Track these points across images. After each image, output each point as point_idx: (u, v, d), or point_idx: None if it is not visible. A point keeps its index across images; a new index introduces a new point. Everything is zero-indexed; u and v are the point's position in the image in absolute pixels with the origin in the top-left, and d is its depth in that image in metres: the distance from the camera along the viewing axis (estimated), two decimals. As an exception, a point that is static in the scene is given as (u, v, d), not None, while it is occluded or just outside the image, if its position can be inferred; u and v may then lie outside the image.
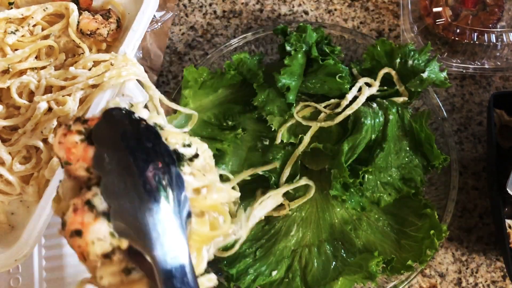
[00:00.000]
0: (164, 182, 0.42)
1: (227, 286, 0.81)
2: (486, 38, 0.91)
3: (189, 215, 0.44)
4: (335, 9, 1.04)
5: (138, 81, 0.76)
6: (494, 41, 0.91)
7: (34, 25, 0.79)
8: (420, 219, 0.82)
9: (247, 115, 0.88)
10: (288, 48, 0.83)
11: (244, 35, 0.92)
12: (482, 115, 0.97)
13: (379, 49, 0.86)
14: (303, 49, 0.84)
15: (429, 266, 0.92)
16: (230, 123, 0.88)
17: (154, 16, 0.98)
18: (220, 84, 0.86)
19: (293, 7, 1.03)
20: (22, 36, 0.77)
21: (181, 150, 0.46)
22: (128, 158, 0.42)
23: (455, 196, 0.84)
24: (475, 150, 0.96)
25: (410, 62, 0.84)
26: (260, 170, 0.84)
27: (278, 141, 0.85)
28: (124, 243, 0.42)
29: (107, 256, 0.42)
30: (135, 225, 0.41)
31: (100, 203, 0.41)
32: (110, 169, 0.42)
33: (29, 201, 0.75)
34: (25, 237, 0.68)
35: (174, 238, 0.41)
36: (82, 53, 0.78)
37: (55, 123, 0.72)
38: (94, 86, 0.74)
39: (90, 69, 0.75)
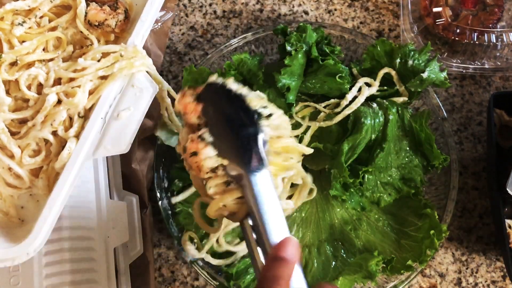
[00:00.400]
0: (248, 122, 0.61)
1: (227, 285, 0.81)
2: (486, 38, 0.91)
3: (264, 143, 0.62)
4: (335, 9, 1.04)
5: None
6: (494, 41, 0.91)
7: (41, 17, 0.78)
8: (420, 219, 0.82)
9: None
10: (288, 48, 0.83)
11: (244, 35, 0.92)
12: (482, 115, 0.97)
13: (379, 49, 0.86)
14: (303, 49, 0.84)
15: (429, 266, 0.92)
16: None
17: (154, 16, 0.98)
18: (220, 84, 0.86)
19: (293, 7, 1.03)
20: (30, 27, 0.77)
21: (260, 110, 0.63)
22: (225, 108, 0.62)
23: (455, 196, 0.84)
24: (475, 150, 0.96)
25: (410, 62, 0.84)
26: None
27: None
28: (225, 161, 0.60)
29: (213, 171, 0.61)
30: (233, 149, 0.60)
31: (208, 137, 0.60)
32: (214, 116, 0.61)
33: (38, 194, 0.75)
34: (36, 231, 0.68)
35: (258, 156, 0.60)
36: (90, 45, 0.78)
37: (64, 115, 0.72)
38: (103, 77, 0.74)
39: (99, 60, 0.75)
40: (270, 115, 0.64)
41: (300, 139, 0.86)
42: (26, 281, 0.75)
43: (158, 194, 0.86)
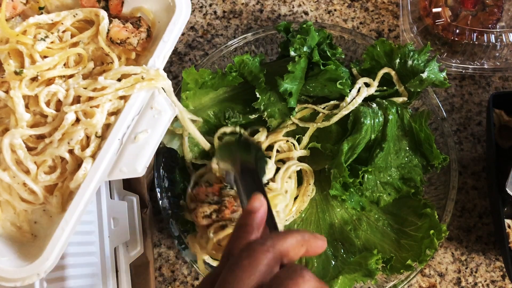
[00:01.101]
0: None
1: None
2: (485, 39, 0.91)
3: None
4: (335, 10, 1.04)
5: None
6: (494, 41, 0.91)
7: (63, 31, 0.77)
8: (420, 219, 0.82)
9: (247, 116, 0.88)
10: (292, 53, 0.82)
11: (244, 36, 0.92)
12: (481, 115, 0.98)
13: (378, 49, 0.86)
14: (306, 52, 0.84)
15: (429, 266, 0.92)
16: (229, 122, 0.88)
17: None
18: (221, 84, 0.86)
19: (293, 7, 1.04)
20: (52, 42, 0.76)
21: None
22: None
23: (455, 196, 0.85)
24: (474, 150, 0.96)
25: (409, 62, 0.84)
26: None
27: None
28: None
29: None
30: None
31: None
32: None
33: (52, 210, 0.74)
34: (48, 251, 0.68)
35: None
36: (111, 63, 0.77)
37: (82, 134, 0.72)
38: (122, 97, 0.74)
39: (119, 79, 0.74)
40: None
41: (298, 140, 0.86)
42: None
43: (159, 194, 0.86)
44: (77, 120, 0.73)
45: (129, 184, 0.89)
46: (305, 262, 0.84)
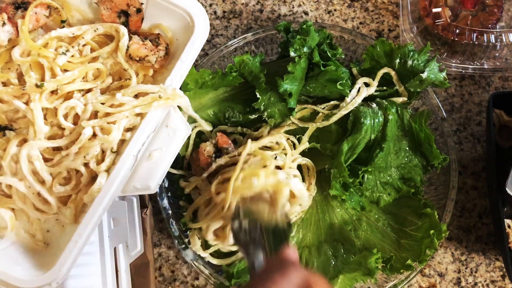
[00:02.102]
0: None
1: (227, 284, 0.82)
2: (485, 39, 0.91)
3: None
4: (335, 10, 1.04)
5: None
6: (494, 41, 0.91)
7: (83, 45, 0.78)
8: (420, 219, 0.82)
9: (247, 116, 0.88)
10: (292, 53, 0.82)
11: (244, 36, 0.92)
12: (481, 115, 0.98)
13: (378, 49, 0.86)
14: (306, 54, 0.84)
15: (429, 266, 0.92)
16: (229, 122, 0.88)
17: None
18: (221, 84, 0.86)
19: (293, 7, 1.04)
20: (72, 56, 0.77)
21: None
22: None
23: (455, 196, 0.85)
24: (474, 150, 0.96)
25: (409, 62, 0.84)
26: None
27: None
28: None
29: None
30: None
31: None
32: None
33: (65, 221, 0.76)
34: (61, 262, 0.70)
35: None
36: (129, 79, 0.78)
37: (98, 149, 0.73)
38: (139, 114, 0.75)
39: (136, 96, 0.75)
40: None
41: (298, 140, 0.86)
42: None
43: (159, 194, 0.86)
44: (94, 135, 0.74)
45: (129, 184, 0.89)
46: (305, 262, 0.84)
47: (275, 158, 0.83)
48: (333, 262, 0.84)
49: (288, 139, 0.86)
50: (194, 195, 0.86)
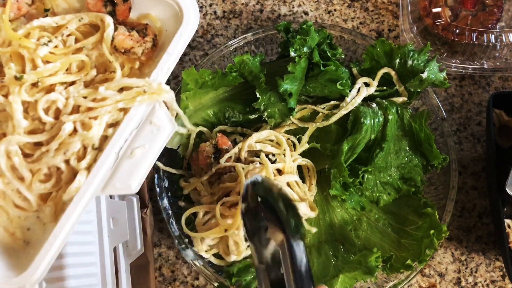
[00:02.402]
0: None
1: (227, 284, 0.82)
2: (485, 39, 0.91)
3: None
4: (335, 10, 1.04)
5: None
6: (493, 41, 0.91)
7: (67, 35, 0.75)
8: (420, 218, 0.82)
9: (247, 115, 0.88)
10: (292, 53, 0.82)
11: (244, 36, 0.92)
12: (481, 115, 0.98)
13: (378, 49, 0.86)
14: (306, 54, 0.84)
15: (429, 266, 0.92)
16: (229, 122, 0.88)
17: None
18: (221, 84, 0.86)
19: (293, 7, 1.04)
20: (55, 47, 0.73)
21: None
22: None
23: (455, 196, 0.85)
24: (474, 150, 0.96)
25: (409, 62, 0.84)
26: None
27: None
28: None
29: None
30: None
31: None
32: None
33: (45, 219, 0.73)
34: (35, 265, 0.66)
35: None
36: (114, 72, 0.75)
37: (78, 146, 0.70)
38: (122, 109, 0.72)
39: (120, 89, 0.72)
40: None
41: (298, 140, 0.86)
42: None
43: (159, 194, 0.86)
44: (75, 130, 0.71)
45: (129, 184, 0.89)
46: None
47: (275, 161, 0.83)
48: (333, 262, 0.84)
49: (288, 139, 0.86)
50: (193, 196, 0.86)
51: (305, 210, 0.82)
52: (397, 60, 0.85)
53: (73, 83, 0.74)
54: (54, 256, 0.68)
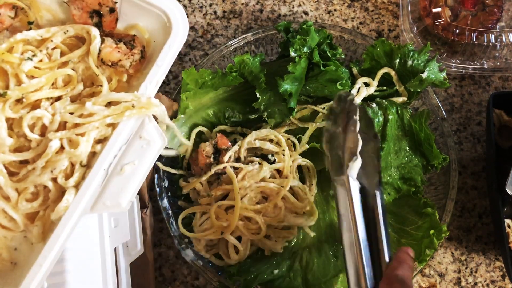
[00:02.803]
0: None
1: (227, 283, 0.82)
2: (485, 39, 0.91)
3: None
4: (335, 10, 1.04)
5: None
6: (493, 41, 0.91)
7: (53, 48, 0.72)
8: (420, 218, 0.82)
9: (247, 115, 0.88)
10: (292, 54, 0.82)
11: (244, 36, 0.92)
12: (481, 115, 0.98)
13: (378, 49, 0.86)
14: (306, 53, 0.84)
15: (429, 266, 0.92)
16: (229, 122, 0.88)
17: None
18: (221, 84, 0.86)
19: (293, 7, 1.04)
20: (40, 61, 0.71)
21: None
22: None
23: (455, 195, 0.85)
24: (474, 150, 0.96)
25: (409, 62, 0.84)
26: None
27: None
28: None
29: None
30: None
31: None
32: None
33: (33, 239, 0.70)
34: (24, 287, 0.64)
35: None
36: (101, 85, 0.72)
37: (65, 164, 0.67)
38: (110, 125, 0.69)
39: (108, 104, 0.70)
40: None
41: (298, 140, 0.86)
42: (27, 281, 0.75)
43: (159, 194, 0.86)
44: (62, 147, 0.68)
45: (129, 184, 0.89)
46: (305, 262, 0.84)
47: (274, 161, 0.83)
48: (333, 262, 0.84)
49: (288, 139, 0.86)
50: (193, 196, 0.86)
51: (304, 222, 0.83)
52: (397, 60, 0.85)
53: (59, 98, 0.72)
54: (43, 278, 0.65)
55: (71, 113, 0.69)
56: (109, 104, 0.70)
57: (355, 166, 0.66)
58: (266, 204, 0.81)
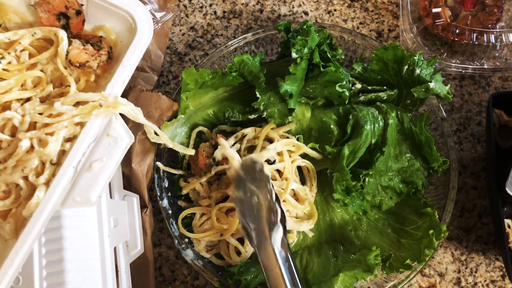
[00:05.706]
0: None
1: (227, 283, 0.82)
2: (485, 39, 0.91)
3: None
4: (335, 10, 1.04)
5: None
6: (493, 41, 0.91)
7: (21, 50, 0.74)
8: (420, 218, 0.82)
9: (247, 115, 0.88)
10: (294, 55, 0.82)
11: (244, 36, 0.92)
12: (481, 115, 0.98)
13: (389, 52, 0.85)
14: (307, 54, 0.84)
15: (429, 266, 0.92)
16: (229, 122, 0.88)
17: (155, 16, 0.98)
18: (221, 84, 0.86)
19: (293, 7, 1.04)
20: (8, 63, 0.72)
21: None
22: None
23: (455, 196, 0.85)
24: (474, 150, 0.96)
25: (417, 71, 0.83)
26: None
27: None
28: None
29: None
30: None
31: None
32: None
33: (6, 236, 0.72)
34: None
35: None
36: (69, 86, 0.74)
37: (36, 162, 0.70)
38: (79, 124, 0.72)
39: (77, 103, 0.72)
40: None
41: (298, 139, 0.86)
42: (27, 280, 0.75)
43: (159, 194, 0.86)
44: (32, 147, 0.70)
45: (129, 184, 0.89)
46: (305, 262, 0.84)
47: (274, 162, 0.83)
48: (333, 262, 0.84)
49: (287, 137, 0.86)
50: (193, 196, 0.86)
51: (304, 227, 0.83)
52: (406, 67, 0.84)
53: (29, 99, 0.73)
54: (15, 272, 0.67)
55: (41, 114, 0.71)
56: (77, 103, 0.72)
57: (278, 236, 0.71)
58: None
